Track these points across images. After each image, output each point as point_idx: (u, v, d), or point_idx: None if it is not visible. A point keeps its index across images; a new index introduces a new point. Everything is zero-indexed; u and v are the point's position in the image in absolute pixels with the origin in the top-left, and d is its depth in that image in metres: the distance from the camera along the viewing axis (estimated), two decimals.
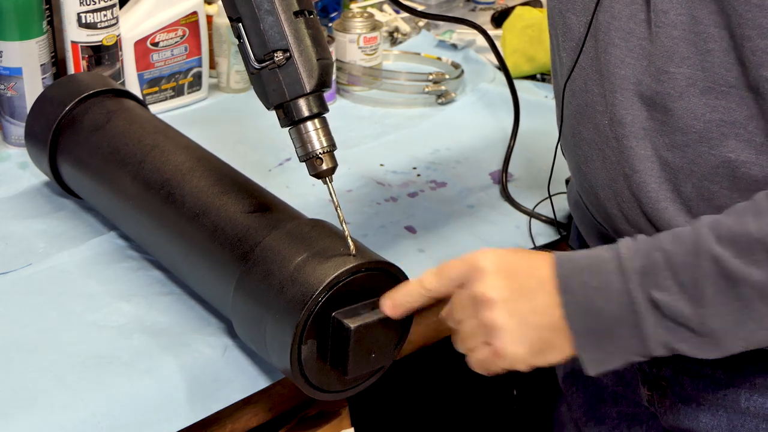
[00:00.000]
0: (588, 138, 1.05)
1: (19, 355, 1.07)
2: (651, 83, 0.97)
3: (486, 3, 2.02)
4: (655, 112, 0.98)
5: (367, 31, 1.70)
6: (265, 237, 1.05)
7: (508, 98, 1.60)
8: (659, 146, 0.99)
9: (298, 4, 1.00)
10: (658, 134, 0.98)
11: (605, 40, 0.99)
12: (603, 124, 1.02)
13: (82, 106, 1.29)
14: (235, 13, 1.01)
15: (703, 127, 0.95)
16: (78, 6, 1.47)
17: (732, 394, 1.05)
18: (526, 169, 1.47)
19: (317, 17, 1.04)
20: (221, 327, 1.12)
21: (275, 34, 1.00)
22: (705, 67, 0.94)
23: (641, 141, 0.99)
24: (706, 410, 1.08)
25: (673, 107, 0.96)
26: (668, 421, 1.13)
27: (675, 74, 0.95)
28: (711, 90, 0.94)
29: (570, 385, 1.27)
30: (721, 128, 0.95)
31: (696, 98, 0.95)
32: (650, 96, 0.97)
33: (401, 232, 1.31)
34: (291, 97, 1.01)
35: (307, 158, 1.02)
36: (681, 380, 1.09)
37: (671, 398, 1.11)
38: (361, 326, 0.98)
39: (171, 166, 1.18)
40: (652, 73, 0.96)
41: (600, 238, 1.14)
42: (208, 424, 1.09)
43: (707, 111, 0.95)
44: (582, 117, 1.05)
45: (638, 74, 0.98)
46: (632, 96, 0.98)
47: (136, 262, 1.23)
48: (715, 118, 0.95)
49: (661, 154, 0.99)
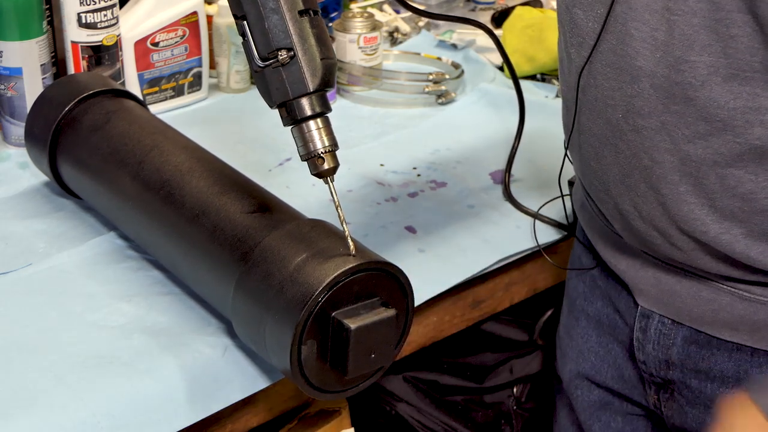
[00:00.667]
0: (599, 133, 1.05)
1: (19, 355, 1.06)
2: (669, 74, 0.96)
3: (486, 3, 2.02)
4: (672, 105, 0.97)
5: (367, 31, 1.70)
6: (265, 237, 1.05)
7: (509, 98, 1.60)
8: (678, 139, 0.98)
9: (303, 3, 1.00)
10: (676, 127, 0.98)
11: (622, 31, 0.98)
12: (616, 117, 1.02)
13: (81, 106, 1.29)
14: (240, 10, 1.01)
15: (728, 115, 0.95)
16: (78, 6, 1.47)
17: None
18: (526, 169, 1.47)
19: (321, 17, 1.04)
20: (221, 327, 1.12)
21: (279, 32, 1.00)
22: (728, 54, 0.92)
23: (659, 133, 0.99)
24: (712, 412, 1.07)
25: (695, 96, 0.95)
26: (675, 424, 1.12)
27: (696, 63, 0.94)
28: (734, 77, 0.93)
29: (575, 387, 1.27)
30: (746, 115, 0.94)
31: (719, 86, 0.94)
32: (667, 87, 0.96)
33: (401, 232, 1.31)
34: (294, 96, 1.01)
35: (308, 157, 1.02)
36: (688, 382, 1.09)
37: (678, 401, 1.11)
38: (361, 326, 0.98)
39: (171, 166, 1.17)
40: (671, 63, 0.95)
41: (607, 240, 1.14)
42: (208, 424, 1.08)
43: (731, 99, 0.94)
44: (592, 112, 1.05)
45: (653, 66, 0.97)
46: (649, 87, 0.98)
47: (135, 263, 1.23)
48: (739, 106, 0.94)
49: (680, 147, 0.98)
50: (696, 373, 1.08)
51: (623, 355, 1.17)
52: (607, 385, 1.21)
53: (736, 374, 1.05)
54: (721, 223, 0.99)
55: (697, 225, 1.00)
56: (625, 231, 1.08)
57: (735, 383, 1.05)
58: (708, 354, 1.07)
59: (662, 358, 1.10)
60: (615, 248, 1.13)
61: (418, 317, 1.05)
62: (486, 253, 1.29)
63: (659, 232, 1.03)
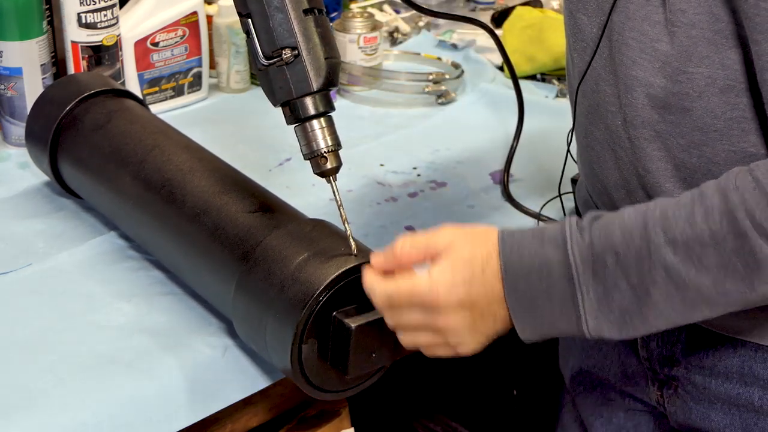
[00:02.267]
0: (600, 138, 1.05)
1: (19, 355, 1.06)
2: (666, 84, 0.96)
3: (486, 3, 2.02)
4: (667, 115, 0.97)
5: (367, 31, 1.70)
6: (266, 237, 1.05)
7: (509, 98, 1.60)
8: (673, 148, 0.98)
9: (308, 2, 1.00)
10: (671, 136, 0.98)
11: (619, 40, 0.99)
12: (615, 124, 1.02)
13: (82, 106, 1.29)
14: (244, 8, 1.01)
15: (724, 125, 0.95)
16: (78, 6, 1.47)
17: (745, 393, 1.05)
18: (526, 169, 1.47)
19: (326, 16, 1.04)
20: (221, 327, 1.12)
21: (284, 31, 1.00)
22: (725, 65, 0.93)
23: (654, 143, 0.99)
24: (718, 409, 1.07)
25: (692, 107, 0.96)
26: (678, 420, 1.12)
27: (694, 74, 0.94)
28: (731, 88, 0.94)
29: (577, 384, 1.27)
30: (741, 125, 0.95)
31: (715, 97, 0.94)
32: (664, 98, 0.97)
33: (401, 232, 1.31)
34: (298, 95, 1.01)
35: (311, 156, 1.02)
36: (692, 379, 1.09)
37: (682, 397, 1.11)
38: (362, 326, 0.98)
39: (172, 165, 1.17)
40: (668, 74, 0.96)
41: None
42: (208, 424, 1.08)
43: (727, 109, 0.94)
44: (594, 117, 1.05)
45: (650, 76, 0.97)
46: (644, 98, 0.98)
47: (136, 262, 1.22)
48: (736, 116, 0.94)
49: (675, 155, 0.98)
50: (700, 369, 1.08)
51: (626, 352, 1.17)
52: (609, 381, 1.21)
53: (741, 370, 1.05)
54: None
55: None
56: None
57: (739, 379, 1.05)
58: (712, 350, 1.07)
59: (666, 355, 1.10)
60: None
61: None
62: None
63: None
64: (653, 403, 1.16)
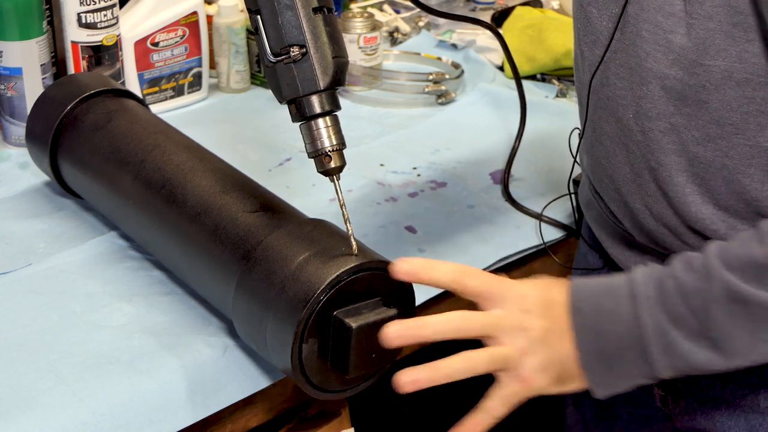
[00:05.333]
0: (610, 132, 1.05)
1: (19, 355, 1.06)
2: (683, 76, 0.96)
3: (486, 3, 2.02)
4: (683, 107, 0.97)
5: (367, 31, 1.70)
6: (267, 236, 1.05)
7: (509, 98, 1.60)
8: (687, 141, 0.98)
9: (318, 1, 1.00)
10: (686, 129, 0.98)
11: (633, 32, 0.98)
12: (627, 117, 1.02)
13: (83, 105, 1.29)
14: (254, 5, 1.01)
15: (740, 118, 0.95)
16: (78, 6, 1.47)
17: (750, 395, 1.05)
18: (526, 169, 1.47)
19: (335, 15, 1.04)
20: (222, 327, 1.12)
21: (293, 29, 0.99)
22: (743, 59, 0.92)
23: (668, 135, 0.99)
24: (723, 411, 1.07)
25: (708, 100, 0.95)
26: (682, 423, 1.12)
27: (710, 67, 0.94)
28: (748, 82, 0.93)
29: None
30: (758, 119, 0.94)
31: (732, 90, 0.94)
32: (679, 90, 0.96)
33: (401, 232, 1.31)
34: (304, 93, 1.00)
35: (315, 155, 1.02)
36: (697, 381, 1.08)
37: (687, 399, 1.10)
38: (363, 326, 0.98)
39: (172, 165, 1.17)
40: (684, 66, 0.95)
41: (615, 236, 1.13)
42: (208, 424, 1.08)
43: (744, 103, 0.94)
44: (604, 111, 1.05)
45: (665, 68, 0.97)
46: (659, 90, 0.98)
47: (136, 262, 1.22)
48: (752, 110, 0.94)
49: (689, 149, 0.98)
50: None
51: None
52: None
53: (745, 372, 1.05)
54: (728, 221, 0.99)
55: (707, 224, 1.00)
56: (635, 229, 1.08)
57: (745, 381, 1.05)
58: None
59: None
60: (624, 245, 1.13)
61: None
62: (486, 253, 1.29)
63: (670, 230, 1.03)
64: (657, 404, 1.16)
